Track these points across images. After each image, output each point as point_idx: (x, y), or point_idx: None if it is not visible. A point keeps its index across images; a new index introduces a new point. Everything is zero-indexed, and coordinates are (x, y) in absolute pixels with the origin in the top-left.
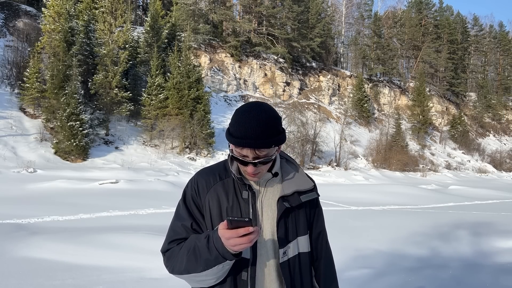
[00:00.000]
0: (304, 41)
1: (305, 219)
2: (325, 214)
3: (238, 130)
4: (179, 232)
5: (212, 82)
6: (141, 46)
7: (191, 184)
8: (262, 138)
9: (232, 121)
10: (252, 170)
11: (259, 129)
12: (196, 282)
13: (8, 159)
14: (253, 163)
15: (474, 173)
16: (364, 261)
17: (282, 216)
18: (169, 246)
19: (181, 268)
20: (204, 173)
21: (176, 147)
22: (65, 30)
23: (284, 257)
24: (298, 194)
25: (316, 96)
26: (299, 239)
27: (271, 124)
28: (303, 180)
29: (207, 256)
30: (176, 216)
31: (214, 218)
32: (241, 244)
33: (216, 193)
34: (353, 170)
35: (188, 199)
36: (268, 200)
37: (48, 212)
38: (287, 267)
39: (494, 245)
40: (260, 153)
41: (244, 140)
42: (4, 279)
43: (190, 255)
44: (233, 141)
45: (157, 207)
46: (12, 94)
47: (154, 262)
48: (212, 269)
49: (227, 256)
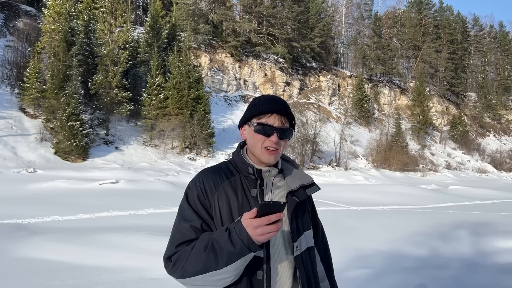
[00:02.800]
0: (304, 41)
1: (308, 214)
2: (325, 214)
3: (265, 101)
4: (187, 234)
5: (212, 82)
6: (141, 46)
7: (196, 184)
8: (288, 108)
9: (252, 103)
10: (275, 139)
11: (284, 102)
12: (211, 282)
13: (8, 159)
14: (278, 130)
15: (474, 173)
16: (364, 261)
17: (294, 211)
18: (176, 250)
19: (198, 268)
20: (209, 173)
21: (176, 147)
22: (65, 30)
23: (297, 251)
24: (303, 189)
25: (316, 96)
26: (306, 233)
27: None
28: (304, 176)
29: (230, 249)
30: (182, 218)
31: (224, 217)
32: (269, 232)
33: (225, 191)
34: (353, 170)
35: (193, 200)
36: (276, 196)
37: (48, 212)
38: (301, 261)
39: (494, 245)
40: (285, 123)
41: (274, 105)
42: (4, 279)
43: (209, 252)
44: (260, 109)
45: (157, 207)
46: (12, 94)
47: (154, 262)
48: (234, 263)
49: (252, 247)
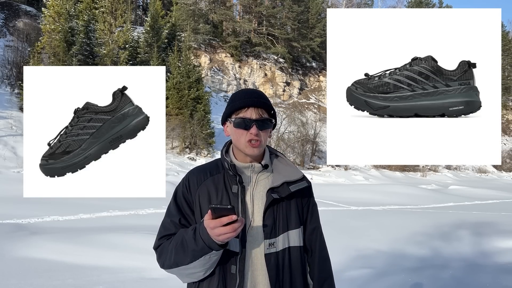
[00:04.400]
0: (304, 41)
1: (297, 213)
2: (325, 214)
3: (241, 96)
4: (169, 228)
5: (212, 82)
6: (141, 46)
7: (183, 182)
8: (264, 99)
9: (232, 98)
10: (255, 131)
11: (260, 94)
12: (186, 276)
13: (8, 159)
14: (256, 122)
15: (474, 173)
16: (364, 261)
17: (269, 206)
18: (159, 242)
19: (170, 262)
20: (196, 171)
21: (176, 147)
22: (65, 30)
23: (270, 248)
24: (287, 185)
25: (316, 96)
26: (289, 232)
27: (266, 96)
28: (291, 171)
29: (194, 247)
30: (167, 213)
31: (204, 212)
32: (226, 233)
33: (206, 188)
34: (353, 170)
35: (178, 196)
36: (258, 193)
37: (48, 212)
38: (274, 260)
39: (494, 245)
40: (263, 114)
41: (249, 99)
42: (4, 279)
43: (178, 248)
44: (237, 104)
45: (157, 207)
46: (12, 94)
47: (154, 262)
48: (199, 260)
49: (212, 246)
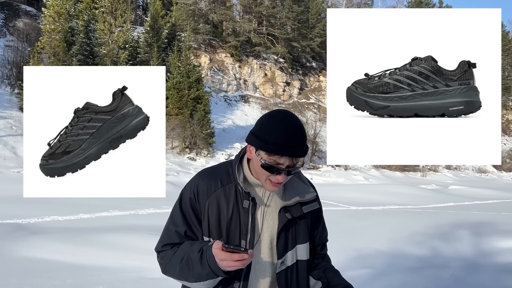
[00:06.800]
0: (304, 41)
1: (306, 228)
2: (325, 214)
3: (278, 137)
4: (173, 237)
5: (212, 82)
6: (141, 46)
7: (191, 187)
8: (302, 147)
9: (265, 127)
10: (283, 179)
11: (300, 138)
12: (188, 285)
13: (8, 159)
14: (287, 171)
15: (474, 173)
16: (364, 261)
17: (283, 228)
18: (162, 248)
19: (174, 274)
20: (205, 177)
21: (176, 147)
22: (65, 30)
23: (281, 266)
24: (300, 205)
25: (316, 96)
26: (298, 247)
27: (305, 134)
28: (305, 190)
29: (200, 271)
30: (171, 219)
31: (212, 225)
32: (234, 266)
33: (217, 200)
34: (353, 170)
35: (185, 202)
36: (270, 210)
37: (48, 212)
38: (284, 276)
39: (494, 245)
40: (296, 162)
41: (287, 148)
42: (4, 279)
43: (183, 265)
44: (272, 149)
45: (157, 207)
46: (12, 94)
47: (154, 262)
48: (203, 282)
49: (219, 274)
